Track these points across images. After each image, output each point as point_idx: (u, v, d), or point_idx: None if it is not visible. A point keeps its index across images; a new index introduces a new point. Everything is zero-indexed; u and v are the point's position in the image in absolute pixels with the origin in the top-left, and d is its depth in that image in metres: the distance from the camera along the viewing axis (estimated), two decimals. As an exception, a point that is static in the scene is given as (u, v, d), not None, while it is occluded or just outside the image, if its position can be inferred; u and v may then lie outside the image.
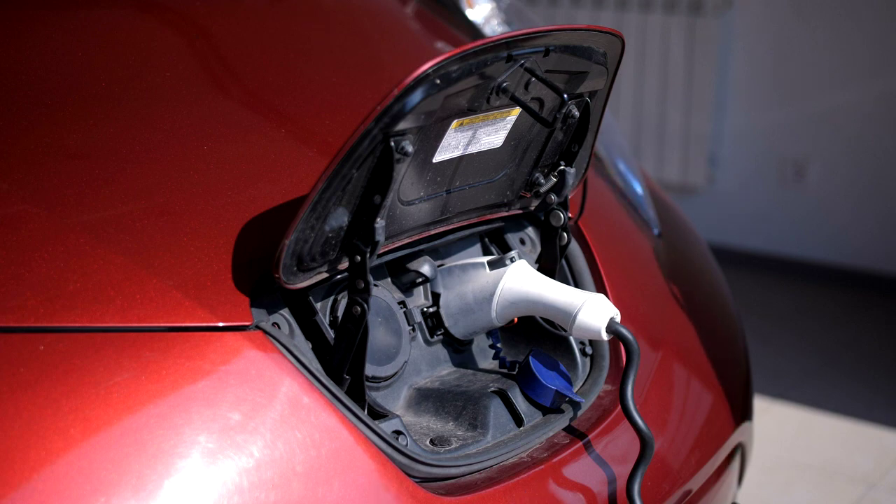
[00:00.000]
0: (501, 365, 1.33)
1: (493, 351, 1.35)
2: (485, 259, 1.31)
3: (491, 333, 1.34)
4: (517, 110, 1.22)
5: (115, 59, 1.37)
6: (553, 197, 1.34)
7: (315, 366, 1.09)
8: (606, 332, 1.23)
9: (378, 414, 1.13)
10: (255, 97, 1.41)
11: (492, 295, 1.28)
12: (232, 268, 1.08)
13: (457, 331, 1.31)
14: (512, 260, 1.30)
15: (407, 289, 1.29)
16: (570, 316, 1.23)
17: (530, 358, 1.27)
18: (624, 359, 1.35)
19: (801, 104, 4.21)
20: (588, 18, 4.52)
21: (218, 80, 1.42)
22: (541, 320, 1.35)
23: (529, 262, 1.40)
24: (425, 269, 1.29)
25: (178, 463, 0.95)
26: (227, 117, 1.33)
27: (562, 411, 1.26)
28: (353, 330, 1.10)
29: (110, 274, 1.03)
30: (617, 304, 1.40)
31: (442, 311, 1.31)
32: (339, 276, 1.15)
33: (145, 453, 0.94)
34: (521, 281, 1.28)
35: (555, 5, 4.65)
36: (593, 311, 1.23)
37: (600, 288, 1.42)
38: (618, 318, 1.24)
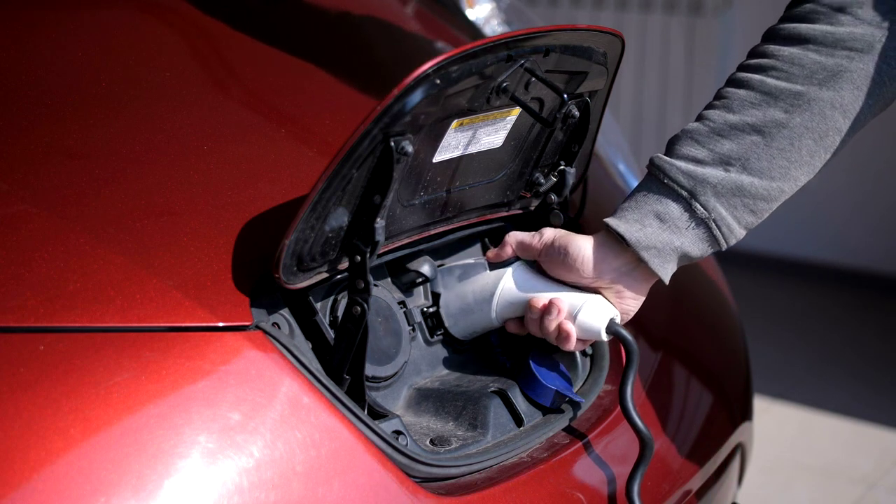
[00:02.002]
0: (501, 365, 1.33)
1: (493, 351, 1.35)
2: (485, 259, 1.30)
3: (491, 333, 1.34)
4: (517, 110, 1.22)
5: (115, 59, 1.37)
6: (553, 197, 1.34)
7: (315, 366, 1.09)
8: (606, 332, 1.23)
9: (378, 414, 1.13)
10: (256, 97, 1.41)
11: (491, 295, 1.28)
12: (232, 268, 1.08)
13: (456, 331, 1.31)
14: (512, 262, 1.29)
15: (407, 289, 1.29)
16: (570, 316, 1.23)
17: (530, 358, 1.27)
18: (624, 359, 1.35)
19: (801, 104, 4.21)
20: (588, 18, 4.52)
21: (218, 81, 1.42)
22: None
23: (529, 263, 1.40)
24: (425, 269, 1.29)
25: (178, 463, 0.95)
26: (227, 117, 1.33)
27: (562, 411, 1.26)
28: (353, 330, 1.10)
29: (110, 274, 1.03)
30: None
31: (442, 311, 1.30)
32: (339, 276, 1.15)
33: (145, 453, 0.94)
34: (521, 281, 1.27)
35: (555, 5, 4.65)
36: (593, 312, 1.23)
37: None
38: (618, 319, 1.24)
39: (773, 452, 2.84)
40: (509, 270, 1.28)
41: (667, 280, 1.22)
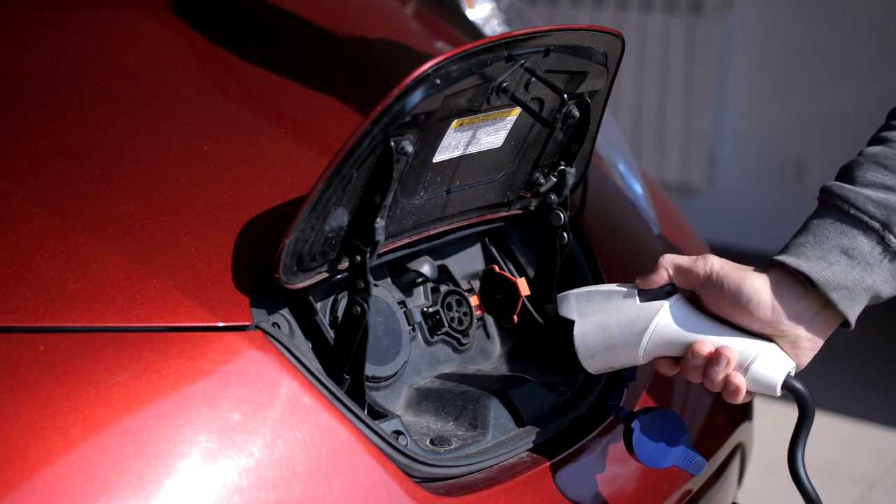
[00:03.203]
0: (616, 412, 1.23)
1: (612, 397, 1.24)
2: (635, 287, 1.16)
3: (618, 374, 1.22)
4: (517, 110, 1.22)
5: (115, 60, 1.37)
6: (553, 197, 1.34)
7: (315, 366, 1.09)
8: (781, 388, 1.11)
9: (378, 414, 1.13)
10: (256, 97, 1.41)
11: (643, 331, 1.13)
12: (232, 268, 1.08)
13: (590, 365, 1.18)
14: (669, 293, 1.14)
15: (407, 289, 1.29)
16: (740, 368, 1.10)
17: (636, 424, 1.18)
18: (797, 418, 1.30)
19: (801, 104, 4.21)
20: (588, 18, 4.52)
21: (218, 81, 1.42)
22: (538, 317, 1.35)
23: (530, 263, 1.39)
24: (425, 269, 1.28)
25: (178, 463, 0.95)
26: (227, 117, 1.33)
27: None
28: (353, 330, 1.10)
29: (110, 274, 1.03)
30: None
31: (576, 343, 1.17)
32: (339, 276, 1.15)
33: (145, 453, 0.94)
34: (681, 319, 1.12)
35: (555, 5, 4.65)
36: (768, 364, 1.10)
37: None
38: (793, 372, 1.11)
39: (773, 453, 2.83)
40: (666, 304, 1.13)
41: (853, 324, 1.11)
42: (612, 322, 1.15)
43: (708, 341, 1.11)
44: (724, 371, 1.10)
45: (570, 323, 1.17)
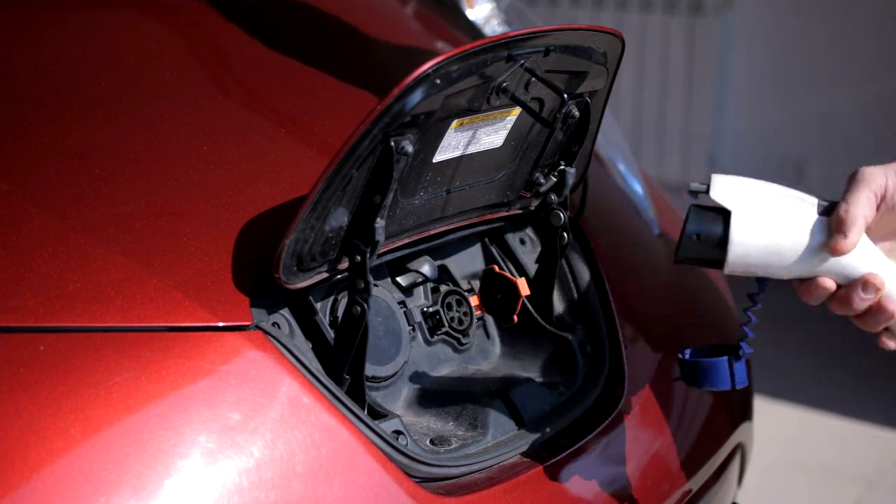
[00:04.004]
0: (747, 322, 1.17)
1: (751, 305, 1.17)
2: (815, 200, 1.08)
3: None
4: (517, 110, 1.22)
5: (115, 60, 1.37)
6: (553, 197, 1.34)
7: (315, 366, 1.09)
8: None
9: (378, 414, 1.13)
10: (256, 97, 1.41)
11: (816, 247, 1.05)
12: (232, 268, 1.08)
13: (735, 265, 1.08)
14: None
15: (407, 289, 1.29)
16: None
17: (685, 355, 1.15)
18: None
19: (801, 104, 4.21)
20: (588, 18, 4.52)
21: (218, 81, 1.42)
22: (538, 317, 1.35)
23: (530, 263, 1.39)
24: (425, 269, 1.29)
25: (178, 463, 0.95)
26: (227, 117, 1.33)
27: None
28: (353, 330, 1.10)
29: (110, 274, 1.03)
30: (617, 303, 1.39)
31: (735, 237, 1.06)
32: (339, 276, 1.15)
33: (145, 453, 0.94)
34: (860, 247, 1.05)
35: (555, 5, 4.65)
36: None
37: (600, 288, 1.42)
38: None
39: (773, 453, 2.84)
40: None
41: None
42: (785, 228, 1.06)
43: (887, 280, 1.05)
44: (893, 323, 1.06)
45: (720, 210, 1.07)
